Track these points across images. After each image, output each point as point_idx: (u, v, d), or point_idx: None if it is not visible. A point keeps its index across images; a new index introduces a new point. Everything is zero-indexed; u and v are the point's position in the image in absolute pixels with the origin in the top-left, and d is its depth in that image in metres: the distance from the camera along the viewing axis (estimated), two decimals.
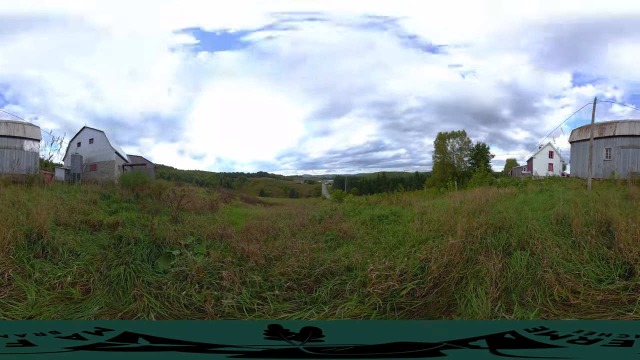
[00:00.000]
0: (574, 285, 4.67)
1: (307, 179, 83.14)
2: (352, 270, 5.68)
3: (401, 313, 4.52)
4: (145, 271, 5.63)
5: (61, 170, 25.16)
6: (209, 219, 11.14)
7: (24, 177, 19.50)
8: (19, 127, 22.14)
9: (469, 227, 6.71)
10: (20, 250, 5.76)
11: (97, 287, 5.24)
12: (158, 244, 6.60)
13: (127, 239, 6.93)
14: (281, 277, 5.41)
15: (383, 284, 4.81)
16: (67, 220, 8.71)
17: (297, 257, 6.06)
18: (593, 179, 18.77)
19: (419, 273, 5.24)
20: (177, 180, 47.50)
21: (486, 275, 4.94)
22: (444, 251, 5.68)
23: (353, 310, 4.55)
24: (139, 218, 10.05)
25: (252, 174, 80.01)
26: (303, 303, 4.88)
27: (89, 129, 27.95)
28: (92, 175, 25.88)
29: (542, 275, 4.84)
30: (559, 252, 5.38)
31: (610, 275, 4.79)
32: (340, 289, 5.14)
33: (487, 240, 6.15)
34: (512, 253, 5.64)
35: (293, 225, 9.92)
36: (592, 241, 5.53)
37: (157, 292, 4.99)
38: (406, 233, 8.00)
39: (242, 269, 5.63)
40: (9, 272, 5.10)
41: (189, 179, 59.47)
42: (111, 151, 26.61)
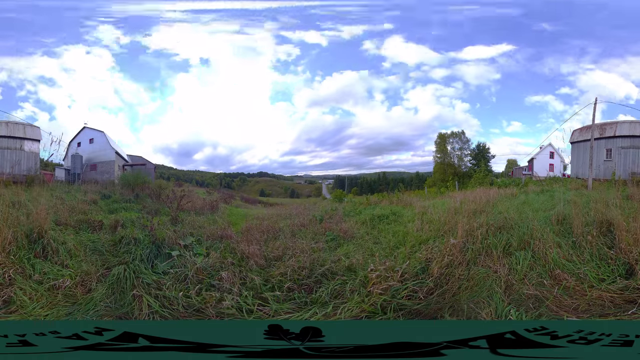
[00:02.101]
0: (575, 285, 4.66)
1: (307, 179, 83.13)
2: (353, 271, 5.67)
3: (402, 313, 4.51)
4: (145, 272, 5.62)
5: (61, 170, 25.17)
6: (208, 219, 11.14)
7: (24, 178, 19.51)
8: (19, 127, 22.15)
9: (469, 227, 6.70)
10: (21, 251, 5.77)
11: (96, 288, 5.24)
12: (158, 244, 6.59)
13: (127, 239, 6.93)
14: (281, 278, 5.40)
15: (384, 284, 4.80)
16: (67, 220, 8.71)
17: (298, 257, 6.05)
18: (593, 180, 18.76)
19: (420, 273, 5.24)
20: (177, 180, 47.47)
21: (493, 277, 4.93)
22: (445, 251, 5.68)
23: (354, 311, 4.54)
24: (139, 218, 10.05)
25: (252, 174, 79.98)
26: (303, 303, 4.87)
27: (89, 129, 27.95)
28: (92, 175, 25.88)
29: (542, 276, 4.84)
30: (560, 252, 5.38)
31: (611, 276, 4.79)
32: (340, 289, 5.13)
33: (488, 241, 6.14)
34: (513, 253, 5.63)
35: (293, 226, 9.91)
36: (593, 241, 5.52)
37: (156, 293, 4.98)
38: (407, 233, 7.99)
39: (242, 269, 5.63)
40: (9, 272, 5.10)
41: (189, 179, 59.44)
42: (111, 151, 26.61)
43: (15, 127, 21.98)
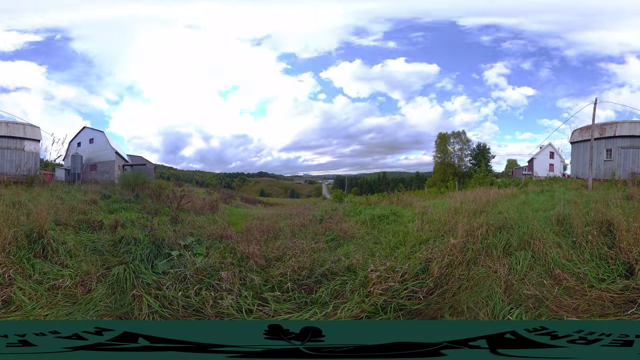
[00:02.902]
0: (575, 285, 4.66)
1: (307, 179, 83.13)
2: (353, 271, 5.67)
3: (402, 313, 4.51)
4: (145, 272, 5.62)
5: (61, 170, 25.18)
6: (208, 219, 11.14)
7: (24, 178, 19.51)
8: (19, 127, 22.15)
9: (469, 227, 6.70)
10: (21, 251, 5.77)
11: (96, 288, 5.24)
12: (158, 244, 6.59)
13: (126, 239, 6.93)
14: (281, 278, 5.40)
15: (384, 285, 4.81)
16: (67, 220, 8.72)
17: (298, 257, 6.05)
18: (593, 180, 18.76)
19: (420, 273, 5.24)
20: (177, 180, 47.53)
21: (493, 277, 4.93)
22: (445, 251, 5.68)
23: (354, 311, 4.54)
24: (139, 218, 10.06)
25: (252, 174, 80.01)
26: (303, 304, 4.87)
27: (89, 129, 27.98)
28: (92, 175, 25.89)
29: (542, 276, 4.84)
30: (560, 252, 5.38)
31: (611, 276, 4.79)
32: (340, 289, 5.12)
33: (488, 241, 6.14)
34: (513, 253, 5.63)
35: (293, 226, 9.91)
36: (593, 241, 5.52)
37: (156, 293, 4.98)
38: (407, 233, 7.99)
39: (242, 269, 5.63)
40: (9, 272, 5.10)
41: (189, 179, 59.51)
42: (111, 151, 26.62)
43: (15, 127, 21.98)
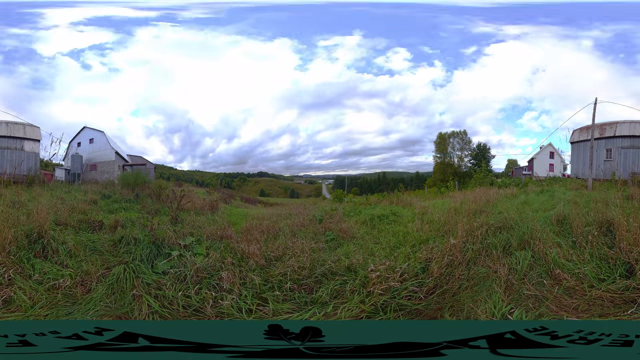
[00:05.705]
0: (575, 285, 4.66)
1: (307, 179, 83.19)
2: (353, 271, 5.67)
3: (402, 313, 4.51)
4: (145, 272, 5.62)
5: (61, 170, 25.19)
6: (208, 219, 11.13)
7: (24, 178, 19.51)
8: (19, 127, 22.15)
9: (469, 227, 6.70)
10: (21, 251, 5.77)
11: (96, 287, 5.24)
12: (158, 244, 6.59)
13: (126, 239, 6.93)
14: (281, 278, 5.40)
15: (384, 285, 4.81)
16: (67, 220, 8.71)
17: (298, 257, 6.05)
18: (593, 180, 18.76)
19: (420, 273, 5.24)
20: (177, 180, 47.54)
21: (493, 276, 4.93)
22: (445, 251, 5.68)
23: (354, 311, 4.54)
24: (139, 218, 10.05)
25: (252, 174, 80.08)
26: (303, 303, 4.87)
27: (89, 129, 27.98)
28: (92, 175, 25.91)
29: (542, 276, 4.84)
30: (560, 252, 5.38)
31: (611, 276, 4.78)
32: (340, 289, 5.12)
33: (487, 241, 6.14)
34: (513, 253, 5.63)
35: (293, 226, 9.91)
36: (593, 241, 5.53)
37: (156, 293, 4.98)
38: (407, 233, 7.99)
39: (242, 269, 5.63)
40: (9, 272, 5.10)
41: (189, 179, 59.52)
42: (111, 151, 26.64)
43: (16, 127, 21.99)
